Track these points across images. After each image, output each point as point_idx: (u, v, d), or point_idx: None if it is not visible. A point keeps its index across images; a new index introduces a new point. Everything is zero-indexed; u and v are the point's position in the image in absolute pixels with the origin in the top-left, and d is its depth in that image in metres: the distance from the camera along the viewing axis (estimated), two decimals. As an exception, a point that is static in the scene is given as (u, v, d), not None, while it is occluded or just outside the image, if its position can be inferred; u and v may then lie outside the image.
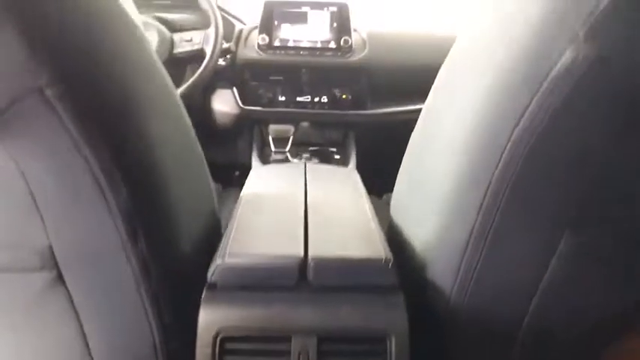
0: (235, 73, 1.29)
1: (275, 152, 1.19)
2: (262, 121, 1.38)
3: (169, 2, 1.37)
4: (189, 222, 0.55)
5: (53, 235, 0.47)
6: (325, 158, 1.23)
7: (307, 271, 0.46)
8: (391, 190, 1.26)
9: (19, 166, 0.43)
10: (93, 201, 0.43)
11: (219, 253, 0.49)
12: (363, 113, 1.33)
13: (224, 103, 1.35)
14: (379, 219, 0.98)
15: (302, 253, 0.47)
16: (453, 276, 0.48)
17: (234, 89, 1.34)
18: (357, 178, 0.81)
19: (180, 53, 1.14)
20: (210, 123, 1.35)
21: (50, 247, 0.48)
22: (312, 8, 1.30)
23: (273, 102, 1.32)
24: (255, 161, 1.16)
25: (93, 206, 0.43)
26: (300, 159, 1.13)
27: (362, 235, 0.53)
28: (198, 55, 1.15)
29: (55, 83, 0.36)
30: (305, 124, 1.36)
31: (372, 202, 1.11)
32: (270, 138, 1.23)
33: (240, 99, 1.34)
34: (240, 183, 1.29)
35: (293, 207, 0.59)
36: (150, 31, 1.12)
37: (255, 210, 0.60)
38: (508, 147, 0.40)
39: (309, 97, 1.32)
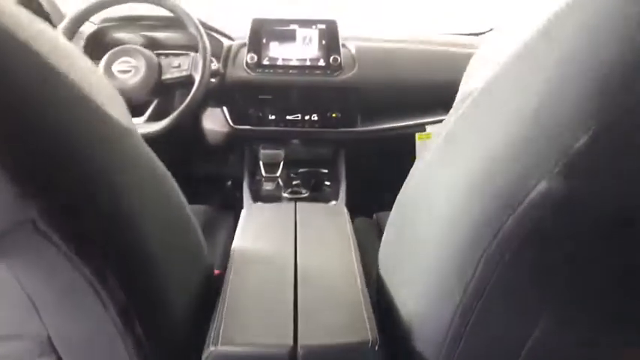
0: (224, 92, 1.29)
1: (266, 178, 1.20)
2: (253, 139, 1.38)
3: (156, 23, 1.34)
4: (183, 296, 0.56)
5: (51, 328, 0.49)
6: (317, 182, 1.24)
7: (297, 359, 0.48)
8: (381, 209, 1.28)
9: (14, 275, 0.44)
10: (87, 300, 0.45)
11: (212, 335, 0.51)
12: (353, 130, 1.33)
13: (214, 121, 1.35)
14: (369, 246, 1.00)
15: (291, 339, 0.49)
16: (438, 347, 0.50)
17: (224, 108, 1.34)
18: (346, 221, 0.83)
19: (169, 79, 1.13)
20: (202, 140, 1.36)
21: (49, 337, 0.50)
22: (300, 26, 1.29)
23: (263, 121, 1.32)
24: (245, 189, 1.16)
25: (88, 304, 0.45)
26: (291, 187, 1.13)
27: (350, 311, 0.55)
28: (186, 81, 1.14)
29: (46, 214, 0.37)
30: (295, 141, 1.37)
31: (363, 226, 1.13)
32: (261, 163, 1.23)
33: (231, 118, 1.34)
34: (231, 203, 1.31)
35: (283, 275, 0.61)
36: (137, 58, 1.11)
37: (245, 280, 0.61)
38: (491, 249, 0.41)
39: (299, 115, 1.32)
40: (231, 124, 1.33)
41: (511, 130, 0.39)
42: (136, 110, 1.12)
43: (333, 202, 1.05)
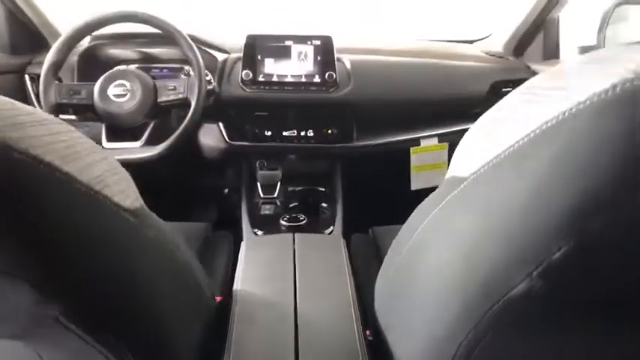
0: (220, 108, 1.29)
1: (264, 200, 1.21)
2: (250, 154, 1.39)
3: (149, 40, 1.33)
4: (192, 342, 0.59)
5: None
6: (314, 203, 1.25)
7: None
8: (377, 222, 1.30)
9: (37, 352, 0.46)
10: None
11: None
12: (349, 146, 1.34)
13: (211, 137, 1.35)
14: (366, 270, 1.02)
15: None
16: None
17: (220, 124, 1.34)
18: (343, 257, 0.85)
19: (165, 102, 1.13)
20: (198, 156, 1.36)
21: None
22: (295, 42, 1.28)
23: (260, 137, 1.33)
24: (244, 214, 1.17)
25: None
26: (288, 214, 1.13)
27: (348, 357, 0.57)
28: (183, 104, 1.14)
29: (70, 312, 0.39)
30: (292, 157, 1.38)
31: (359, 244, 1.15)
32: (259, 185, 1.24)
33: (227, 134, 1.34)
34: (229, 218, 1.32)
35: (284, 323, 0.63)
36: (132, 81, 1.10)
37: (247, 331, 0.63)
38: (481, 322, 0.43)
39: (295, 131, 1.33)
40: (228, 140, 1.34)
41: (498, 221, 0.40)
42: (132, 133, 1.12)
43: (331, 229, 1.06)
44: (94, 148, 0.48)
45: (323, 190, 1.29)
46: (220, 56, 1.36)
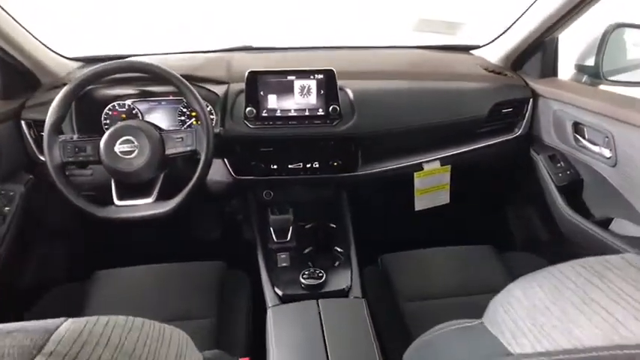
0: (225, 144, 1.29)
1: (277, 248, 1.23)
2: (256, 186, 1.40)
3: (147, 80, 1.30)
4: None
5: None
6: (326, 240, 1.28)
7: None
8: (385, 248, 1.34)
9: None
10: None
11: None
12: (354, 175, 1.36)
13: (216, 172, 1.35)
14: (380, 310, 1.06)
15: None
16: None
17: (225, 160, 1.34)
18: (367, 322, 0.89)
19: (173, 154, 1.12)
20: (205, 191, 1.37)
21: None
22: (297, 77, 1.27)
23: (266, 171, 1.34)
24: (263, 271, 1.18)
25: None
26: (308, 271, 1.15)
27: None
28: (191, 156, 1.14)
29: None
30: (298, 186, 1.40)
31: (372, 276, 1.19)
32: (271, 229, 1.26)
33: (232, 169, 1.34)
34: (245, 261, 1.34)
35: None
36: (139, 136, 1.09)
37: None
38: None
39: (300, 164, 1.34)
40: (234, 175, 1.35)
41: None
42: (141, 186, 1.12)
43: (353, 298, 1.08)
44: None
45: (333, 226, 1.31)
46: (220, 89, 1.34)
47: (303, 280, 1.05)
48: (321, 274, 1.06)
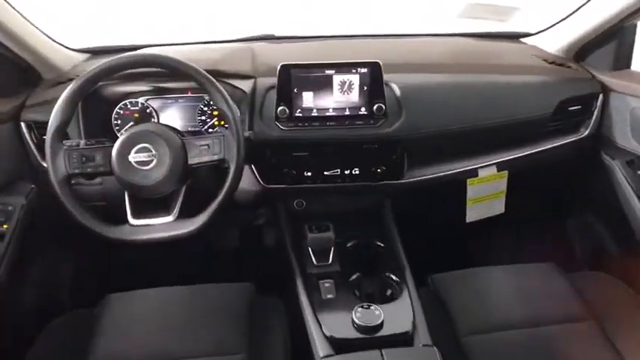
0: (253, 150, 1.12)
1: (319, 270, 1.06)
2: (287, 196, 1.24)
3: (166, 78, 1.13)
4: None
5: None
6: (374, 262, 1.11)
7: None
8: (435, 267, 1.18)
9: None
10: None
11: None
12: (399, 182, 1.19)
13: (243, 180, 1.16)
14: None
15: None
16: None
17: (253, 167, 1.17)
18: None
19: (197, 164, 0.95)
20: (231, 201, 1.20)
21: None
22: (337, 71, 1.09)
23: (299, 178, 1.17)
24: (299, 283, 1.02)
25: None
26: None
27: None
28: (217, 165, 0.97)
29: None
30: (334, 197, 1.23)
31: (424, 302, 1.03)
32: (310, 249, 1.09)
33: (261, 177, 1.18)
34: (274, 278, 1.18)
35: None
36: (157, 144, 0.92)
37: None
38: None
39: (337, 170, 1.17)
40: (263, 183, 1.18)
41: None
42: (159, 204, 0.95)
43: (422, 346, 0.90)
44: None
45: (381, 245, 1.14)
46: (246, 85, 1.17)
47: (356, 320, 0.88)
48: (377, 312, 0.89)
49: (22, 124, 1.12)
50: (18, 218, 1.01)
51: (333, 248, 1.09)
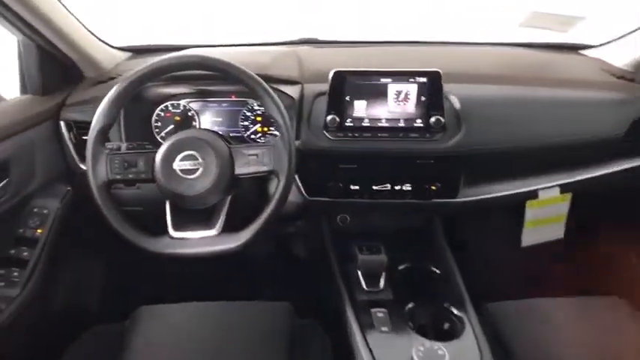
0: (298, 159, 1.05)
1: (370, 296, 0.98)
2: (330, 210, 1.17)
3: (212, 81, 1.08)
4: None
5: None
6: (428, 286, 1.02)
7: None
8: (489, 294, 1.08)
9: None
10: None
11: None
12: (454, 202, 1.10)
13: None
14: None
15: None
16: None
17: (297, 177, 1.11)
18: None
19: (244, 174, 0.88)
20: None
21: None
22: (394, 80, 1.02)
23: (345, 192, 1.10)
24: (349, 311, 0.94)
25: None
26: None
27: None
28: (267, 176, 0.90)
29: None
30: (378, 214, 1.16)
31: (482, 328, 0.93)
32: (360, 273, 1.01)
33: (305, 189, 1.11)
34: (315, 300, 1.10)
35: None
36: (204, 151, 0.85)
37: None
38: None
39: (387, 185, 1.09)
40: (306, 195, 1.11)
41: None
42: (201, 215, 0.89)
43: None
44: None
45: (437, 271, 1.06)
46: (294, 91, 1.10)
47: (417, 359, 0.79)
48: (441, 352, 0.80)
49: (62, 124, 1.07)
50: (52, 223, 0.96)
51: (384, 274, 1.00)
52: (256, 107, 1.16)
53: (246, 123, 1.17)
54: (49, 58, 1.07)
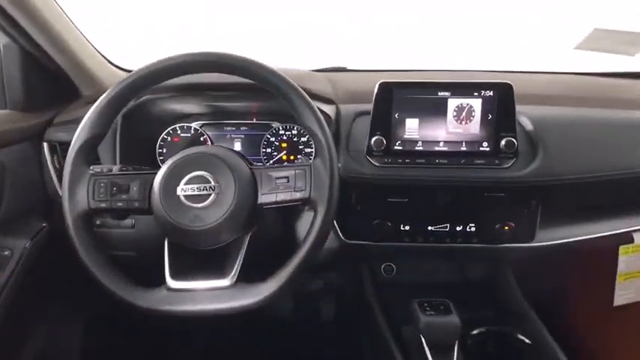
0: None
1: None
2: (373, 256, 0.94)
3: (229, 93, 0.89)
4: None
5: None
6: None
7: None
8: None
9: None
10: None
11: None
12: (530, 247, 0.87)
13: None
14: None
15: None
16: None
17: None
18: None
19: (271, 204, 0.67)
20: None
21: None
22: (454, 93, 0.83)
23: (393, 233, 0.87)
24: None
25: None
26: None
27: None
28: (296, 205, 0.69)
29: None
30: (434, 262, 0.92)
31: None
32: (424, 341, 0.77)
33: (342, 229, 0.89)
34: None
35: None
36: (218, 171, 0.65)
37: None
38: None
39: (447, 225, 0.87)
40: (343, 237, 0.89)
41: None
42: (211, 259, 0.67)
43: None
44: None
45: (527, 342, 0.80)
46: (329, 110, 0.91)
47: None
48: None
49: (45, 145, 0.88)
50: (15, 266, 0.73)
51: (456, 347, 0.75)
52: (282, 131, 0.97)
53: (268, 150, 0.98)
54: (37, 67, 0.90)
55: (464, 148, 0.84)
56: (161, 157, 0.96)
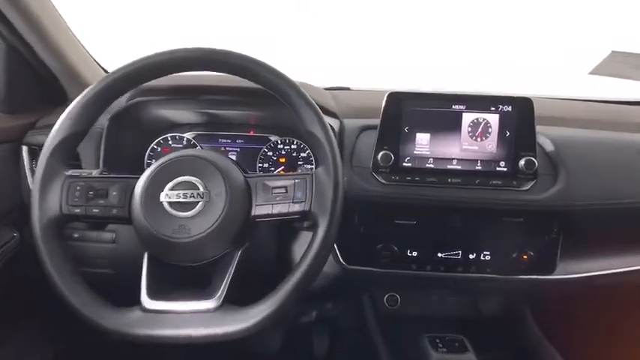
0: None
1: None
2: (375, 285, 0.85)
3: (226, 98, 0.83)
4: None
5: None
6: None
7: None
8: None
9: None
10: None
11: None
12: (550, 280, 0.79)
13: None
14: None
15: None
16: None
17: None
18: None
19: (265, 217, 0.60)
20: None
21: None
22: (469, 107, 0.77)
23: (399, 260, 0.79)
24: None
25: None
26: None
27: None
28: (293, 220, 0.61)
29: None
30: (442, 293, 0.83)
31: None
32: None
33: (342, 253, 0.80)
34: None
35: None
36: (209, 177, 0.57)
37: None
38: None
39: (459, 252, 0.79)
40: (343, 262, 0.80)
41: None
42: (194, 277, 0.58)
43: None
44: None
45: None
46: (332, 122, 0.84)
47: None
48: None
49: (24, 148, 0.81)
50: None
51: None
52: (280, 145, 0.91)
53: (266, 165, 0.91)
54: (25, 68, 0.84)
55: (479, 167, 0.77)
56: (149, 169, 0.89)
